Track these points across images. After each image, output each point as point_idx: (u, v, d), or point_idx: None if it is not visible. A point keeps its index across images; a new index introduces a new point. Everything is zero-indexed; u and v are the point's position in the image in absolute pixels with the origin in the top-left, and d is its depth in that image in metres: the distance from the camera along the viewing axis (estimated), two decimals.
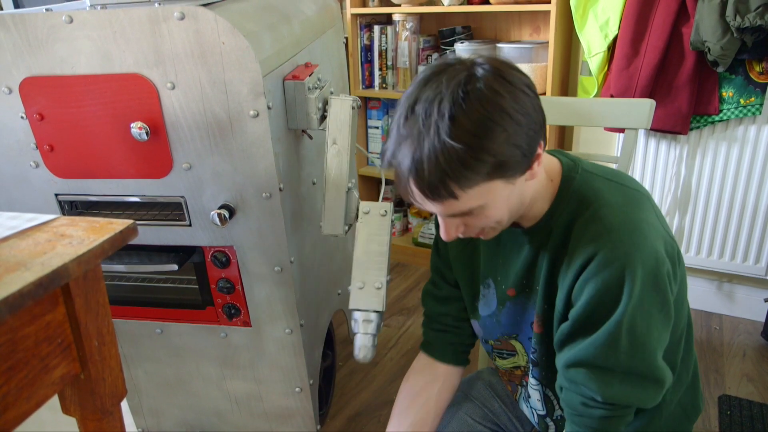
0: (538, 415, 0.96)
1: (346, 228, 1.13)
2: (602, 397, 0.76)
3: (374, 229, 1.06)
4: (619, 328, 0.73)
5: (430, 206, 0.71)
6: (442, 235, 0.78)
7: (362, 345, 1.03)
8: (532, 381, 0.93)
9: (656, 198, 1.98)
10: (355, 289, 1.04)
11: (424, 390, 0.96)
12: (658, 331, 0.76)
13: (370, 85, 2.46)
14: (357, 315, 1.04)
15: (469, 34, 2.26)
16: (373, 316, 1.03)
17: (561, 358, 0.80)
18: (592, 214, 0.76)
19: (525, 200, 0.77)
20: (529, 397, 0.96)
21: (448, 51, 2.26)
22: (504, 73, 0.68)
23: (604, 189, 0.78)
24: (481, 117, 0.65)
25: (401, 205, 2.74)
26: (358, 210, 1.11)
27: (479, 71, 0.67)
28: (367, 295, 1.03)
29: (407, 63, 2.31)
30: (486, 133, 0.65)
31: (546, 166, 0.80)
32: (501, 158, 0.66)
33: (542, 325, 0.85)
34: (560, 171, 0.81)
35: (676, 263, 0.78)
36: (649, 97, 1.78)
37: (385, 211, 1.07)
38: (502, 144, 0.66)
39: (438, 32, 2.33)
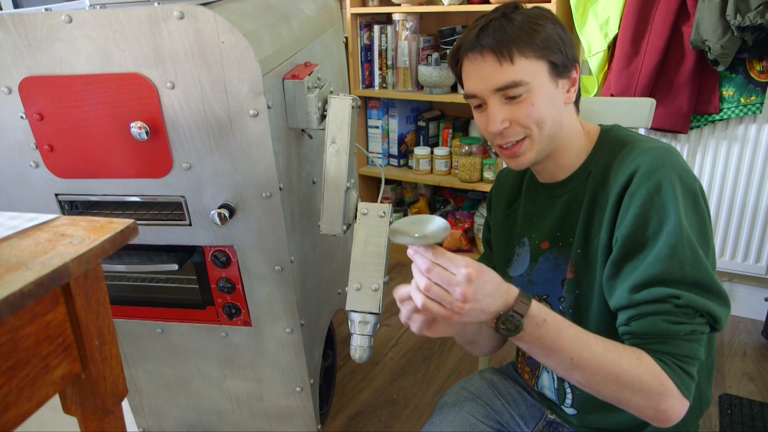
0: (557, 378, 0.97)
1: (345, 228, 1.13)
2: (684, 298, 0.74)
3: (372, 230, 1.06)
4: (678, 237, 0.75)
5: (488, 78, 0.81)
6: (490, 125, 0.84)
7: (358, 345, 1.04)
8: None
9: None
10: (352, 291, 1.04)
11: (476, 335, 1.00)
12: (701, 251, 0.76)
13: (370, 85, 2.46)
14: (354, 316, 1.04)
15: None
16: (370, 317, 1.04)
17: (624, 286, 0.78)
18: (631, 147, 0.83)
19: (563, 125, 0.86)
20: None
21: (448, 51, 2.26)
22: None
23: (642, 137, 0.87)
24: (536, 12, 0.84)
25: (401, 206, 2.74)
26: (356, 210, 1.11)
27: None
28: (363, 297, 1.03)
29: (407, 62, 2.31)
30: (539, 19, 0.83)
31: (584, 125, 0.91)
32: (549, 39, 0.82)
33: (575, 270, 0.87)
34: (598, 129, 0.91)
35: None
36: (650, 96, 1.79)
37: (384, 213, 1.07)
38: (551, 31, 0.82)
39: (438, 32, 2.33)
